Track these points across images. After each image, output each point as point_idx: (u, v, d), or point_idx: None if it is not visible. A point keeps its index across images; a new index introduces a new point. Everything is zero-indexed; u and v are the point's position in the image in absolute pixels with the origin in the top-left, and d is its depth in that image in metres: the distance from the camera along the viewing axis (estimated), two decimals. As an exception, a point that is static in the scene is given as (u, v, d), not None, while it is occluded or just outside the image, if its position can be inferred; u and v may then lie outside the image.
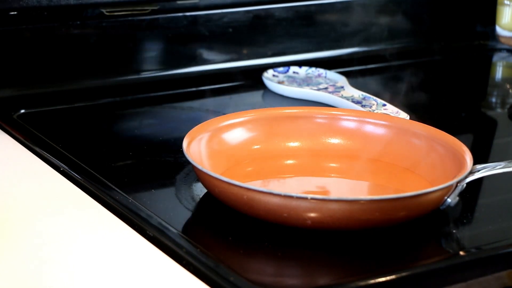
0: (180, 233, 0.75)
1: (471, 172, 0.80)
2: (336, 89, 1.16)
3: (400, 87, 1.32)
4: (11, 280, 0.67)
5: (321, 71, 1.24)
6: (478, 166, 0.81)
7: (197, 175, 0.82)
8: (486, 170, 0.81)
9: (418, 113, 1.06)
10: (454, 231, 0.79)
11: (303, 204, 0.73)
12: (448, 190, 0.78)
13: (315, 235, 0.75)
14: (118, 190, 0.83)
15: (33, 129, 1.00)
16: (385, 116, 0.95)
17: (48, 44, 1.12)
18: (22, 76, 1.11)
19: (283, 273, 0.72)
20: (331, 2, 1.33)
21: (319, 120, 0.94)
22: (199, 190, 0.84)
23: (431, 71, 1.38)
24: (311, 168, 0.91)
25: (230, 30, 1.25)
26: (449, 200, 0.79)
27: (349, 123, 0.93)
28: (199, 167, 0.78)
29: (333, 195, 0.85)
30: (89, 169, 0.88)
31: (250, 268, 0.72)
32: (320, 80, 1.22)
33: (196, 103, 1.17)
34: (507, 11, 1.42)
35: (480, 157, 0.87)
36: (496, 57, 1.46)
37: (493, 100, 1.27)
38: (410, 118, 1.02)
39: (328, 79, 1.22)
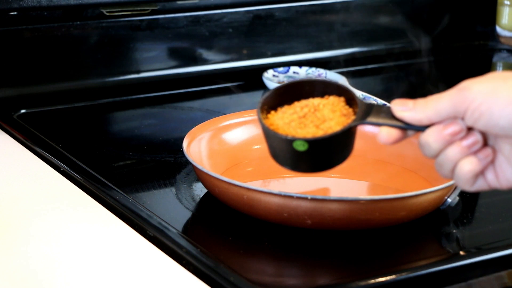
0: (180, 233, 0.75)
1: (471, 172, 0.80)
2: (336, 89, 1.16)
3: (400, 87, 1.32)
4: (12, 280, 0.67)
5: (321, 71, 1.24)
6: (478, 166, 0.81)
7: (197, 175, 0.82)
8: (486, 170, 0.81)
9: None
10: (454, 231, 0.79)
11: (303, 204, 0.73)
12: (448, 190, 0.78)
13: (315, 235, 0.75)
14: (118, 190, 0.83)
15: (33, 129, 1.00)
16: (385, 116, 0.95)
17: (48, 44, 1.12)
18: (22, 76, 1.11)
19: (283, 273, 0.72)
20: (331, 2, 1.33)
21: (319, 120, 0.94)
22: (199, 190, 0.84)
23: (431, 71, 1.37)
24: (311, 168, 0.90)
25: (230, 30, 1.25)
26: (449, 200, 0.79)
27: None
28: (199, 167, 0.78)
29: (333, 195, 0.85)
30: (89, 169, 0.88)
31: (250, 268, 0.72)
32: (320, 80, 1.22)
33: (196, 103, 1.17)
34: (507, 11, 1.42)
35: (480, 157, 0.87)
36: (496, 57, 1.46)
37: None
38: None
39: (328, 79, 1.22)
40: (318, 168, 0.65)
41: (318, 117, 0.65)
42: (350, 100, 0.66)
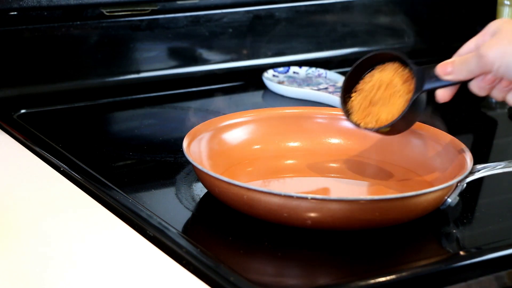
0: (180, 233, 0.75)
1: (471, 172, 0.80)
2: (336, 89, 1.16)
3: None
4: (10, 280, 0.67)
5: (321, 71, 1.24)
6: (478, 166, 0.81)
7: (197, 175, 0.82)
8: (486, 170, 0.81)
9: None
10: (454, 231, 0.79)
11: (303, 204, 0.73)
12: (448, 190, 0.78)
13: (315, 235, 0.75)
14: (118, 190, 0.83)
15: (33, 129, 1.00)
16: (385, 116, 0.95)
17: (48, 44, 1.12)
18: (22, 76, 1.11)
19: (283, 273, 0.72)
20: (331, 2, 1.33)
21: (319, 120, 0.94)
22: (199, 190, 0.84)
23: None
24: (311, 168, 0.91)
25: (230, 30, 1.25)
26: (449, 200, 0.79)
27: (349, 123, 0.93)
28: (199, 167, 0.78)
29: (333, 195, 0.85)
30: (89, 169, 0.88)
31: (250, 268, 0.72)
32: (320, 80, 1.22)
33: (196, 103, 1.17)
34: (507, 11, 1.42)
35: (480, 157, 0.87)
36: (496, 57, 1.46)
37: (493, 100, 1.27)
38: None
39: (328, 79, 1.22)
40: (404, 129, 0.85)
41: (385, 97, 0.83)
42: (404, 63, 0.84)
